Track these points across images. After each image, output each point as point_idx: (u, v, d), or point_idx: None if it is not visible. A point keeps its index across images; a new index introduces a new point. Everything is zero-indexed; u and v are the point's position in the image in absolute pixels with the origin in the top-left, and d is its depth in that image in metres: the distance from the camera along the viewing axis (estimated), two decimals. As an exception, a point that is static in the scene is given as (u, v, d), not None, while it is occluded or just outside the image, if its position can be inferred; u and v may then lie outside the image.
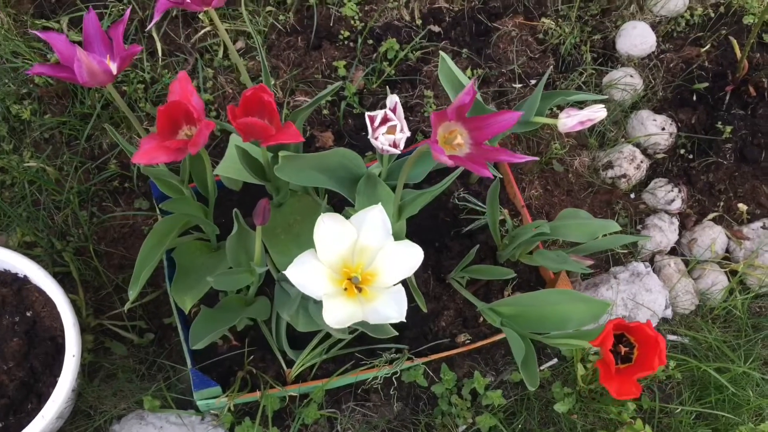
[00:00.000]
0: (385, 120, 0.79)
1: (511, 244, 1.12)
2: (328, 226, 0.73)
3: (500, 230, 1.15)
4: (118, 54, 0.77)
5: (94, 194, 1.24)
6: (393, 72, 1.37)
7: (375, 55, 1.39)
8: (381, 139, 0.79)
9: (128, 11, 0.82)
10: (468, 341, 1.15)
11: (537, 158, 0.95)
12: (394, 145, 0.79)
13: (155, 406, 1.08)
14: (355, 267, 0.74)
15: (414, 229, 1.18)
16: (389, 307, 0.73)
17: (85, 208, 1.23)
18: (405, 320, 0.73)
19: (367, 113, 0.79)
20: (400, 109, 0.80)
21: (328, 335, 1.08)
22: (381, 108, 1.35)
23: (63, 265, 1.18)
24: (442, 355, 1.13)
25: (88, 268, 1.18)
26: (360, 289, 0.74)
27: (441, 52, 1.04)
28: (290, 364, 1.08)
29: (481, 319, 1.17)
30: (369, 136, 0.80)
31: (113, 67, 0.77)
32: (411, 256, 0.75)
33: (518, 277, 1.18)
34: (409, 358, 1.10)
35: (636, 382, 0.79)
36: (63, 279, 1.17)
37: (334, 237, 0.73)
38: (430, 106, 1.34)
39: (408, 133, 0.79)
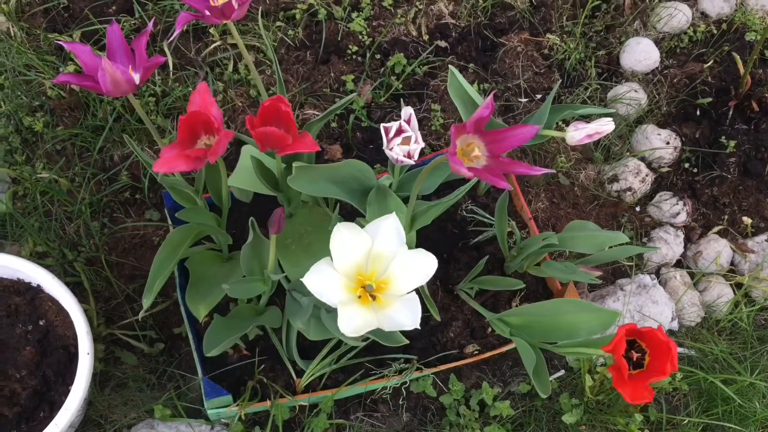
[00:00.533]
0: (399, 131, 0.81)
1: (519, 256, 1.14)
2: (344, 236, 0.74)
3: (508, 242, 1.16)
4: (141, 65, 0.78)
5: (106, 205, 1.26)
6: (401, 86, 1.39)
7: (383, 69, 1.41)
8: (396, 150, 0.80)
9: (151, 23, 0.84)
10: (476, 352, 1.16)
11: (554, 171, 0.96)
12: (409, 156, 0.81)
13: (166, 415, 1.08)
14: (369, 275, 0.75)
15: (423, 241, 1.19)
16: (403, 315, 0.74)
17: (96, 218, 1.24)
18: (419, 327, 0.73)
19: (382, 124, 0.80)
20: (414, 121, 0.81)
21: (337, 345, 1.09)
22: (389, 121, 1.37)
23: (74, 275, 1.19)
24: (451, 366, 1.14)
25: (99, 279, 1.19)
26: (374, 297, 0.75)
27: (450, 67, 1.06)
28: (300, 373, 1.09)
29: (489, 329, 1.18)
30: (384, 147, 0.81)
31: (136, 78, 0.78)
32: (425, 265, 0.76)
33: (526, 289, 1.19)
34: (418, 368, 1.11)
35: (649, 387, 0.80)
36: (74, 289, 1.17)
37: (350, 246, 0.74)
38: (438, 120, 1.36)
39: (422, 144, 0.81)
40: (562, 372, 1.20)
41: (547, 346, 0.99)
